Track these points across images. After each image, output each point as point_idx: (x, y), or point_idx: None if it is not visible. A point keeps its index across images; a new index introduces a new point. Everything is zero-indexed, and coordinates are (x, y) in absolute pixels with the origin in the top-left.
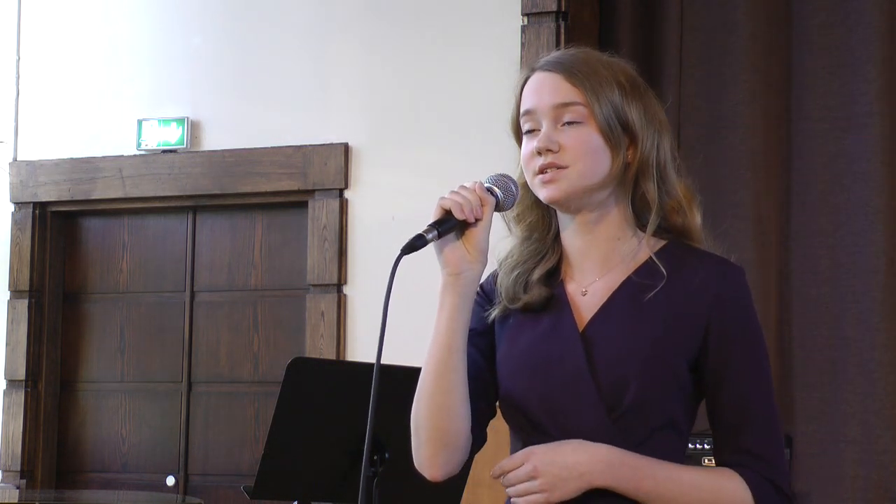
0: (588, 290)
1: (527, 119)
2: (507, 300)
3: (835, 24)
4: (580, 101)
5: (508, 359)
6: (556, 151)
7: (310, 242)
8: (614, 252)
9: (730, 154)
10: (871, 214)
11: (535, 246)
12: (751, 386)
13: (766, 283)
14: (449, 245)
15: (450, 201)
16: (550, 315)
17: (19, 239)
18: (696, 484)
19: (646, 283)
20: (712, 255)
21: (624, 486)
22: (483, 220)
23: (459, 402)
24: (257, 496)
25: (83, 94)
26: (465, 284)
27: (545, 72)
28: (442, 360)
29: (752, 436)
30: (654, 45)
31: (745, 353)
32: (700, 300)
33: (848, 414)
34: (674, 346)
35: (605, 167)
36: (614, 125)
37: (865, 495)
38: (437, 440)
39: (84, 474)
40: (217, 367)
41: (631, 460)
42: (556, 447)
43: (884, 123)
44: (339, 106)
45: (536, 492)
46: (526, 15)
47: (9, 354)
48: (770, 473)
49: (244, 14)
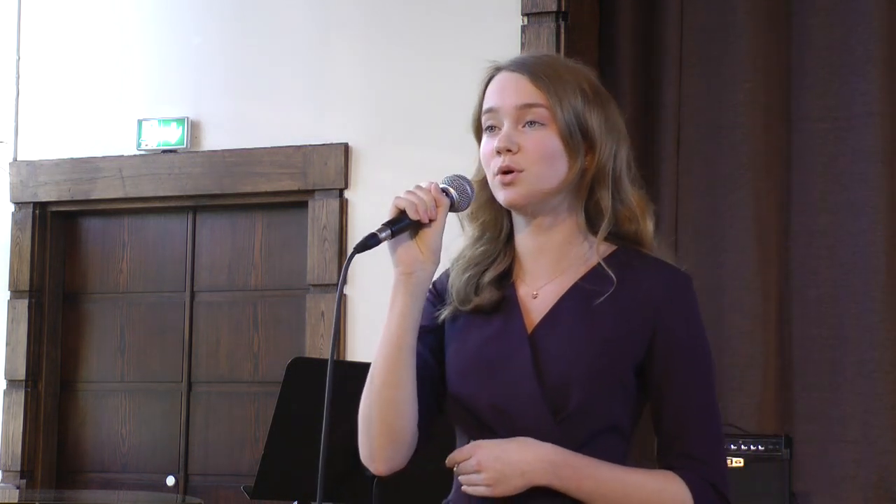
0: (538, 294)
1: (489, 117)
2: (459, 302)
3: (835, 23)
4: (543, 103)
5: (457, 358)
6: (515, 152)
7: (310, 242)
8: (566, 256)
9: (730, 154)
10: (871, 214)
11: (487, 247)
12: (693, 391)
13: (766, 283)
14: (402, 244)
15: (404, 201)
16: (500, 317)
17: (19, 239)
18: (638, 485)
19: (594, 288)
20: (661, 262)
21: (566, 486)
22: (437, 221)
23: (408, 398)
24: (257, 496)
25: (83, 94)
26: (416, 284)
27: (510, 72)
28: (392, 356)
29: (692, 440)
30: (654, 45)
31: (688, 359)
32: (647, 306)
33: (848, 414)
34: (620, 351)
35: (562, 172)
36: (574, 131)
37: (865, 495)
38: (384, 435)
39: (84, 474)
40: (217, 367)
41: (573, 460)
42: (503, 444)
43: (884, 123)
44: (339, 106)
45: (481, 485)
46: (526, 15)
47: (9, 354)
48: (709, 475)
49: (244, 14)
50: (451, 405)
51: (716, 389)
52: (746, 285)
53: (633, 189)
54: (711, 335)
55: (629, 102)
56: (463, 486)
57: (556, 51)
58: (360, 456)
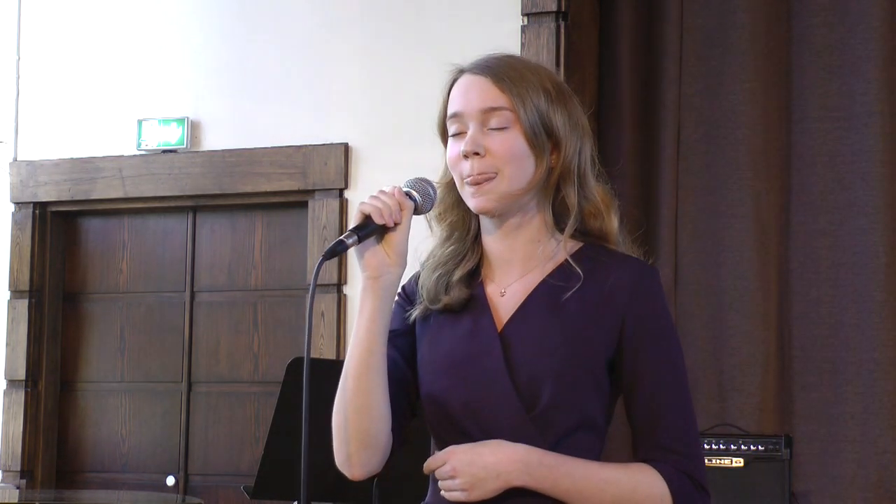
0: (506, 292)
1: (453, 121)
2: (429, 301)
3: (834, 23)
4: (507, 106)
5: (429, 359)
6: (482, 155)
7: (310, 242)
8: (533, 255)
9: (730, 154)
10: (871, 214)
11: (455, 246)
12: (664, 383)
13: (766, 283)
14: (369, 249)
15: (369, 206)
16: (470, 316)
17: (19, 239)
18: (613, 480)
19: (562, 284)
20: (627, 257)
21: (541, 485)
22: (402, 225)
23: (380, 402)
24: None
25: (83, 94)
26: (384, 287)
27: (473, 74)
28: (362, 361)
29: (666, 431)
30: (654, 45)
31: (658, 351)
32: (614, 300)
33: (848, 414)
34: (590, 346)
35: (529, 172)
36: (539, 131)
37: (865, 495)
38: (357, 440)
39: (84, 474)
40: (217, 367)
41: (548, 459)
42: (476, 448)
43: (884, 123)
44: (339, 106)
45: (457, 489)
46: (526, 15)
47: (9, 354)
48: (685, 466)
49: (244, 14)
50: (426, 406)
51: (687, 380)
52: (746, 285)
53: (598, 185)
54: (711, 335)
55: (629, 102)
56: (442, 491)
57: (556, 51)
58: (336, 461)
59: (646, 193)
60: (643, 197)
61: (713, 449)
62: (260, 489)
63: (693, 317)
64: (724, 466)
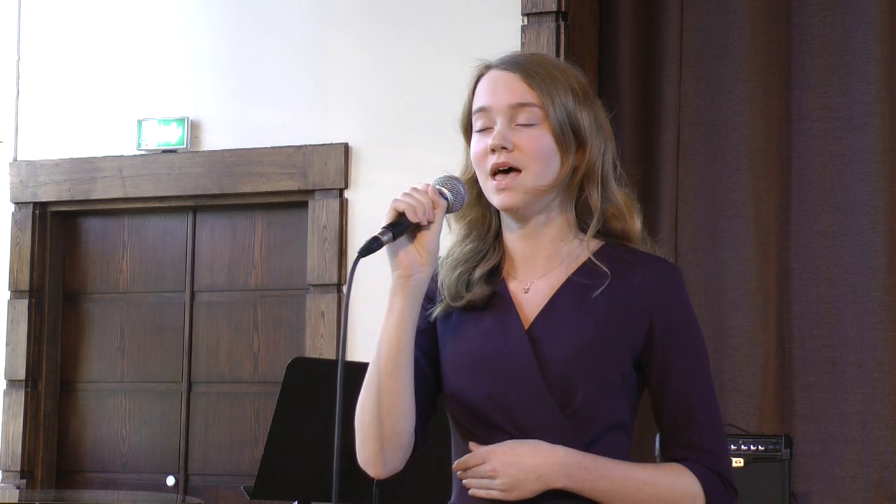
0: (530, 288)
1: (480, 116)
2: (450, 298)
3: (834, 23)
4: (536, 102)
5: (454, 357)
6: (510, 150)
7: (310, 242)
8: (556, 253)
9: (730, 154)
10: (871, 214)
11: (475, 244)
12: (694, 382)
13: (766, 283)
14: (401, 248)
15: (403, 203)
16: (494, 313)
17: (19, 239)
18: (650, 480)
19: (587, 282)
20: (652, 255)
21: (580, 487)
22: (435, 223)
23: (407, 401)
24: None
25: (83, 94)
26: (414, 286)
27: (502, 70)
28: (390, 359)
29: (697, 430)
30: (654, 45)
31: (686, 350)
32: (641, 299)
33: (848, 414)
34: (618, 345)
35: (555, 170)
36: (566, 129)
37: (865, 495)
38: (382, 438)
39: (84, 474)
40: (217, 367)
41: (586, 461)
42: (515, 448)
43: (884, 123)
44: (339, 106)
45: (496, 489)
46: (526, 15)
47: (9, 354)
48: (716, 465)
49: (244, 14)
50: (451, 404)
51: (713, 380)
52: (746, 285)
53: (619, 188)
54: (711, 335)
55: (629, 102)
56: (471, 489)
57: (556, 51)
58: (358, 460)
59: (646, 193)
60: (643, 197)
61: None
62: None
63: None
64: None
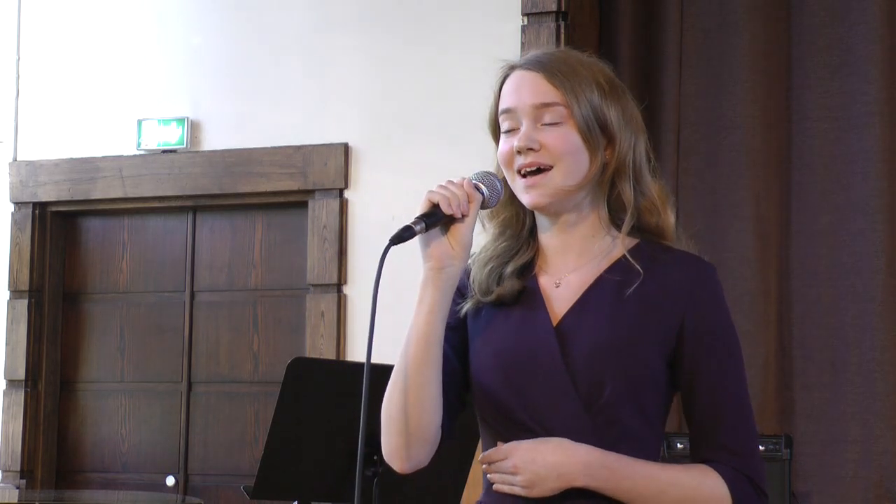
0: (561, 283)
1: (506, 117)
2: (481, 293)
3: (835, 23)
4: (560, 101)
5: (482, 353)
6: (537, 150)
7: (310, 242)
8: (589, 250)
9: (730, 154)
10: (871, 214)
11: (508, 242)
12: (726, 382)
13: (766, 283)
14: (434, 239)
15: (438, 195)
16: (523, 308)
17: (19, 239)
18: (675, 482)
19: (621, 279)
20: (685, 253)
21: (602, 486)
22: (469, 217)
23: (435, 395)
24: (257, 496)
25: (83, 94)
26: (446, 279)
27: (525, 70)
28: (420, 353)
29: (727, 432)
30: (654, 45)
31: (719, 349)
32: (675, 297)
33: (848, 414)
34: (649, 343)
35: (584, 167)
36: (593, 126)
37: (865, 495)
38: (409, 433)
39: (84, 474)
40: (217, 367)
41: (609, 461)
42: (538, 446)
43: (884, 123)
44: (339, 106)
45: (517, 486)
46: (526, 15)
47: (9, 354)
48: (746, 468)
49: (244, 14)
50: (478, 400)
51: (747, 381)
52: (746, 285)
53: (653, 180)
54: None
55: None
56: (495, 484)
57: None
58: (383, 452)
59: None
60: None
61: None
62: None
63: None
64: None
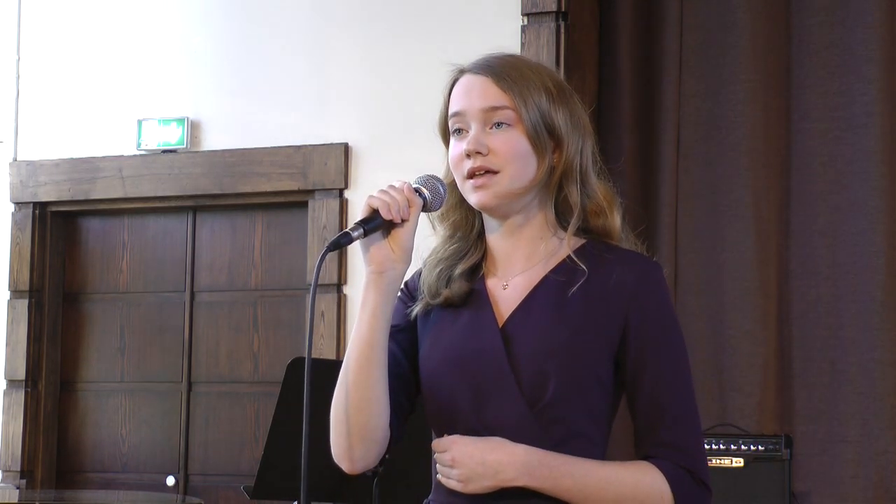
0: (508, 284)
1: (455, 120)
2: (430, 296)
3: (834, 23)
4: (508, 105)
5: (430, 354)
6: (485, 154)
7: (310, 242)
8: (536, 251)
9: (730, 154)
10: (871, 214)
11: (458, 244)
12: (668, 379)
13: (766, 282)
14: (375, 244)
15: (378, 200)
16: (470, 310)
17: (19, 239)
18: (614, 479)
19: (565, 279)
20: (630, 252)
21: (543, 486)
22: (409, 221)
23: (380, 396)
24: (257, 496)
25: (83, 94)
26: (388, 283)
27: (474, 74)
28: (363, 355)
29: (669, 427)
30: (654, 45)
31: (662, 347)
32: (618, 296)
33: (848, 414)
34: (594, 342)
35: (532, 171)
36: (541, 130)
37: (865, 495)
38: (356, 434)
39: (84, 474)
40: (217, 367)
41: (548, 459)
42: (478, 442)
43: (884, 123)
44: (339, 106)
45: (454, 479)
46: (526, 15)
47: (9, 354)
48: (686, 462)
49: (244, 14)
50: (427, 401)
51: (691, 376)
52: (746, 285)
53: (600, 182)
54: (711, 335)
55: (629, 102)
56: (439, 475)
57: (556, 51)
58: (333, 454)
59: (646, 193)
60: (643, 197)
61: (713, 449)
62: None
63: (693, 317)
64: (724, 466)
